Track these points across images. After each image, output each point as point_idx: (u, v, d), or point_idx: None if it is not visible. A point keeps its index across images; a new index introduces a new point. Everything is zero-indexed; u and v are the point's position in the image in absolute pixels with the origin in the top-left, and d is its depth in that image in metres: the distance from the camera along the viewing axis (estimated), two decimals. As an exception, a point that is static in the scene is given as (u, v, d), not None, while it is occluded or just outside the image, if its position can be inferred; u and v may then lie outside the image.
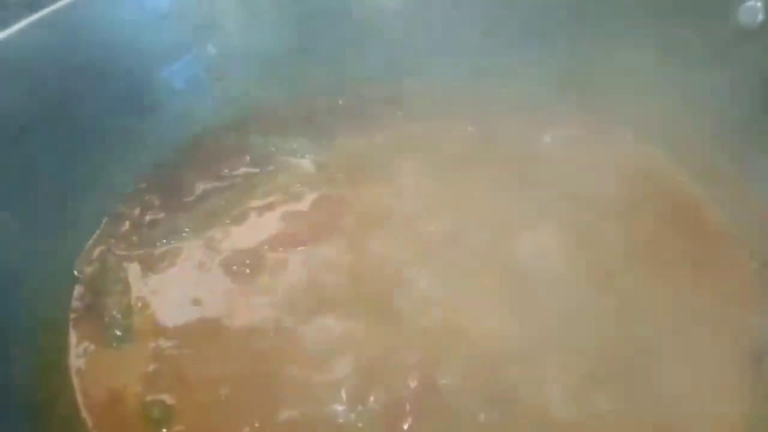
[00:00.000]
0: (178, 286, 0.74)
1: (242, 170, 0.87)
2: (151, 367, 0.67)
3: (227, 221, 0.80)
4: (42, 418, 0.63)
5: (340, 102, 0.95)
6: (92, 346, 0.69)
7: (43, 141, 0.76)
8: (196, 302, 0.72)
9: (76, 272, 0.76)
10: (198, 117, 0.93)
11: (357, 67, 0.97)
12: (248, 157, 0.88)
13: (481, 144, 0.89)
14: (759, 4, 0.76)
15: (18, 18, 0.76)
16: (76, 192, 0.79)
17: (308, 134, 0.90)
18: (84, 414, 0.64)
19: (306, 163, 0.87)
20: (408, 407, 0.63)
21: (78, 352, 0.69)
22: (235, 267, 0.75)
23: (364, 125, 0.91)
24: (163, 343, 0.69)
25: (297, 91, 0.96)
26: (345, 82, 0.96)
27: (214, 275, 0.75)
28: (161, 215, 0.81)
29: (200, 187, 0.85)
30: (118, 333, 0.70)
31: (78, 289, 0.74)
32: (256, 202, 0.83)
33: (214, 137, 0.91)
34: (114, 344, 0.69)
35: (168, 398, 0.65)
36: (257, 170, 0.87)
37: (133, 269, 0.76)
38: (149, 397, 0.65)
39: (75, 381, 0.67)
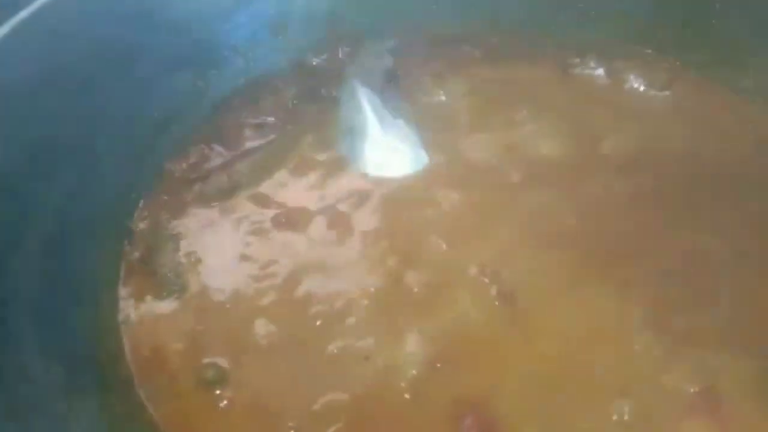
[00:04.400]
0: (230, 243, 0.71)
1: (298, 122, 0.83)
2: (202, 327, 0.65)
3: (280, 177, 0.77)
4: (105, 379, 0.62)
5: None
6: (145, 303, 0.68)
7: (104, 96, 0.74)
8: (248, 259, 0.70)
9: (130, 228, 0.74)
10: (256, 72, 0.90)
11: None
12: (303, 111, 0.85)
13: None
14: None
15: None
16: (134, 148, 0.78)
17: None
18: (136, 372, 0.63)
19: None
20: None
21: (131, 308, 0.68)
22: (287, 223, 0.72)
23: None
24: (215, 300, 0.67)
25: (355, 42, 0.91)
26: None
27: (266, 232, 0.72)
28: (215, 172, 0.79)
29: (255, 142, 0.82)
30: (171, 289, 0.68)
31: (131, 245, 0.73)
32: (310, 156, 0.79)
33: (271, 92, 0.88)
34: (166, 301, 0.68)
35: (221, 360, 0.63)
36: (313, 123, 0.83)
37: (185, 225, 0.74)
38: (204, 359, 0.63)
39: (128, 339, 0.65)
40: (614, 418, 0.57)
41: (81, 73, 0.72)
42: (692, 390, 0.58)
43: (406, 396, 0.59)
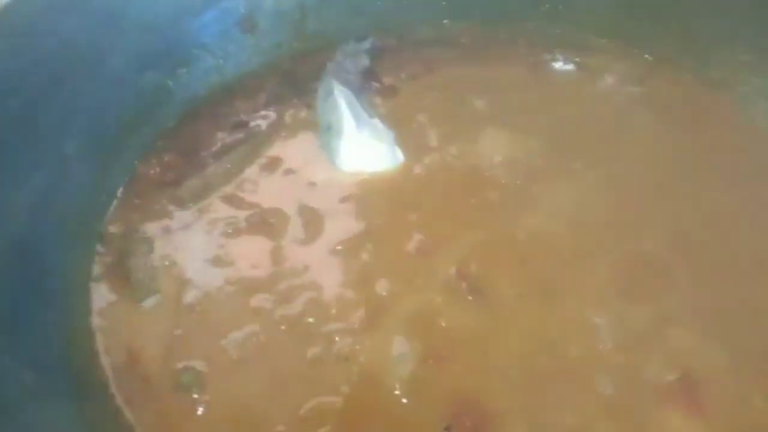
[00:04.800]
0: (204, 246, 0.70)
1: (272, 121, 0.82)
2: (177, 330, 0.64)
3: (254, 177, 0.76)
4: (79, 384, 0.61)
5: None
6: (117, 308, 0.67)
7: (72, 96, 0.73)
8: (223, 261, 0.69)
9: (101, 231, 0.72)
10: (228, 71, 0.89)
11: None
12: (277, 110, 0.84)
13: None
14: None
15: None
16: (104, 150, 0.76)
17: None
18: (111, 377, 0.61)
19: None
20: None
21: (103, 314, 0.66)
22: (262, 224, 0.71)
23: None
24: (191, 303, 0.66)
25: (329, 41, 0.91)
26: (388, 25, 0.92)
27: (241, 233, 0.71)
28: (187, 173, 0.77)
29: (228, 143, 0.81)
30: (145, 293, 0.67)
31: (103, 250, 0.71)
32: (285, 156, 0.78)
33: (244, 91, 0.87)
34: (140, 305, 0.66)
35: (198, 364, 0.62)
36: (288, 122, 0.82)
37: (159, 228, 0.72)
38: (180, 363, 0.62)
39: (102, 344, 0.64)
40: (596, 409, 0.57)
41: (48, 72, 0.70)
42: (670, 378, 0.59)
43: (396, 394, 0.59)
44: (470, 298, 0.65)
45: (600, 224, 0.71)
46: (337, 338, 0.62)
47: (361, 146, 0.78)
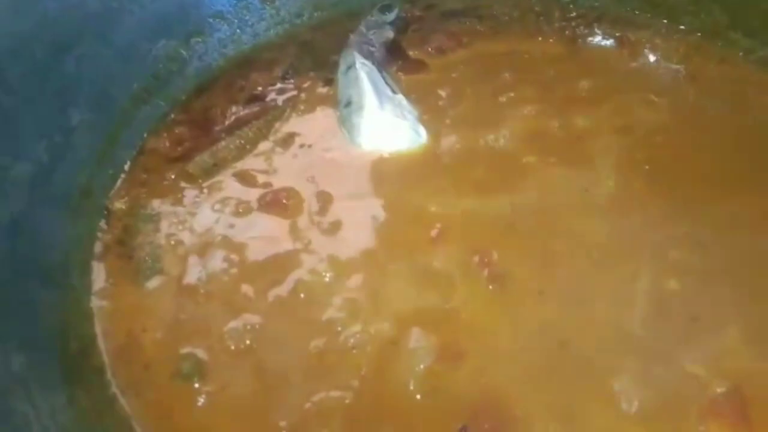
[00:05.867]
0: (213, 225, 0.66)
1: (289, 95, 0.78)
2: (180, 315, 0.60)
3: (268, 154, 0.72)
4: (76, 371, 0.57)
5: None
6: (119, 289, 0.63)
7: (78, 65, 0.70)
8: (232, 242, 0.65)
9: (106, 207, 0.69)
10: (244, 41, 0.85)
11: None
12: (295, 84, 0.79)
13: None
14: None
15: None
16: (111, 121, 0.73)
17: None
18: (108, 362, 0.58)
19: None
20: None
21: (106, 293, 0.63)
22: (275, 203, 0.67)
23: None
24: (196, 287, 0.62)
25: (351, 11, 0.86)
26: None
27: (251, 213, 0.67)
28: (197, 148, 0.73)
29: (243, 117, 0.76)
30: (148, 273, 0.63)
31: (107, 227, 0.68)
32: (302, 133, 0.74)
33: (260, 63, 0.83)
34: (143, 286, 0.63)
35: (200, 352, 0.58)
36: (306, 96, 0.78)
37: (166, 206, 0.69)
38: (182, 350, 0.58)
39: (101, 325, 0.61)
40: (628, 411, 0.53)
41: (53, 36, 0.68)
42: (718, 390, 0.54)
43: (410, 390, 0.55)
44: (491, 287, 0.60)
45: (636, 215, 0.65)
46: (349, 329, 0.58)
47: (383, 123, 0.73)
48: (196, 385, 0.56)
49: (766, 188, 0.66)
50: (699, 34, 0.81)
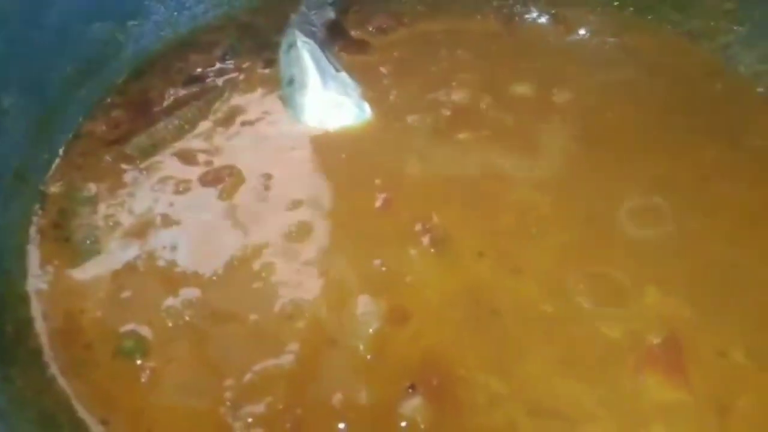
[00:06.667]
0: (152, 205, 0.65)
1: (229, 76, 0.77)
2: (120, 294, 0.59)
3: (208, 134, 0.71)
4: (11, 353, 0.55)
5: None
6: (56, 271, 0.61)
7: (8, 45, 0.67)
8: (171, 221, 0.64)
9: (42, 190, 0.67)
10: (182, 24, 0.83)
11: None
12: (235, 65, 0.78)
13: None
14: None
15: None
16: (45, 105, 0.71)
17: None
18: (47, 344, 0.56)
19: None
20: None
21: (42, 276, 0.61)
22: (215, 181, 0.66)
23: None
24: (135, 266, 0.61)
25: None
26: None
27: (191, 192, 0.66)
28: (135, 130, 0.72)
29: (179, 97, 0.76)
30: (86, 255, 0.61)
31: (43, 209, 0.66)
32: (242, 111, 0.73)
33: (199, 45, 0.82)
34: (80, 267, 0.61)
35: (143, 330, 0.57)
36: (247, 76, 0.77)
37: (103, 188, 0.67)
38: (123, 328, 0.57)
39: (38, 307, 0.59)
40: (569, 367, 0.54)
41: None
42: (655, 341, 0.55)
43: (360, 351, 0.55)
44: (432, 251, 0.60)
45: (576, 177, 0.67)
46: (295, 297, 0.58)
47: (327, 101, 0.73)
48: (139, 362, 0.55)
49: (697, 150, 0.68)
50: (631, 8, 0.84)
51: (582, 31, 0.83)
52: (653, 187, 0.66)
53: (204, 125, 0.72)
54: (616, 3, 0.84)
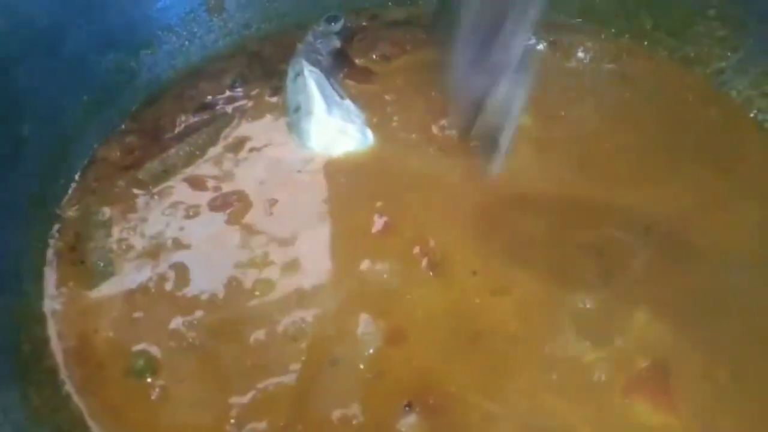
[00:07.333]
0: (163, 229, 0.68)
1: (238, 103, 0.80)
2: (132, 315, 0.62)
3: (218, 160, 0.74)
4: (29, 372, 0.58)
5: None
6: (71, 293, 0.64)
7: (28, 77, 0.70)
8: (182, 244, 0.67)
9: (58, 214, 0.70)
10: (193, 53, 0.87)
11: None
12: (244, 92, 0.81)
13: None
14: None
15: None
16: (62, 133, 0.74)
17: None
18: (62, 362, 0.59)
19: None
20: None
21: (58, 297, 0.64)
22: (224, 205, 0.69)
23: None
24: (147, 288, 0.63)
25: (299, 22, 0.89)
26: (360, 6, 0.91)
27: (201, 216, 0.69)
28: (148, 156, 0.75)
29: (190, 124, 0.78)
30: (100, 277, 0.64)
31: (60, 233, 0.69)
32: (250, 139, 0.76)
33: (209, 73, 0.85)
34: (95, 289, 0.64)
35: (153, 349, 0.59)
36: (255, 104, 0.80)
37: (117, 212, 0.70)
38: (134, 348, 0.60)
39: (54, 327, 0.62)
40: (559, 388, 0.56)
41: (2, 51, 0.68)
42: (642, 364, 0.57)
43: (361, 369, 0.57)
44: (431, 273, 0.63)
45: (570, 204, 0.69)
46: (298, 318, 0.60)
47: (331, 127, 0.76)
48: (149, 380, 0.57)
49: (688, 179, 0.71)
50: (627, 36, 0.86)
51: (580, 57, 0.85)
52: (644, 212, 0.67)
53: (213, 151, 0.75)
54: (613, 30, 0.87)
